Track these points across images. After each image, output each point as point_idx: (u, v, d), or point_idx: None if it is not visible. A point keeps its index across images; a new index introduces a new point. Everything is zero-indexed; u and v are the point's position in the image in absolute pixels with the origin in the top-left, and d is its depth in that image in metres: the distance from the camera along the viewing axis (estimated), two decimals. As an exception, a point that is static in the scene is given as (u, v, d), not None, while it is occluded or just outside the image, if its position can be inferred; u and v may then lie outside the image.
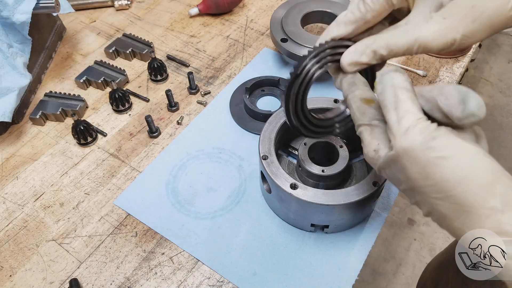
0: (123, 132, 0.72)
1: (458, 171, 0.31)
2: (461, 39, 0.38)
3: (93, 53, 0.86)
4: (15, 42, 0.71)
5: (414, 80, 0.78)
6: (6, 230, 0.60)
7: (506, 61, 2.39)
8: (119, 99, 0.73)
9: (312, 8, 0.82)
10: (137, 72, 0.82)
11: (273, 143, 0.57)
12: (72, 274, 0.56)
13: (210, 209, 0.61)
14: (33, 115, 0.72)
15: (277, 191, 0.55)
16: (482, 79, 2.29)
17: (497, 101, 2.17)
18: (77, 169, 0.67)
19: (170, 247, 0.58)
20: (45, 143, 0.71)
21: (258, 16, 0.94)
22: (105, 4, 0.96)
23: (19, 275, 0.56)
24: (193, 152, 0.68)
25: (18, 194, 0.64)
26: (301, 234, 0.59)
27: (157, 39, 0.89)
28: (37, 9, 0.70)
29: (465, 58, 0.83)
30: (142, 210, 0.62)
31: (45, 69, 0.82)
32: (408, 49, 0.40)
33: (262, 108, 0.73)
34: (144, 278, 0.55)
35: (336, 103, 0.60)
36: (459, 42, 0.39)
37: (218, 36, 0.89)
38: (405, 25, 0.40)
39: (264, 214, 0.61)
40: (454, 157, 0.31)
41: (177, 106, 0.75)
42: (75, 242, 0.59)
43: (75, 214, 0.62)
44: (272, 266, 0.56)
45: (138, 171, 0.66)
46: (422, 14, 0.39)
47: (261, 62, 0.83)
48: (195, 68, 0.83)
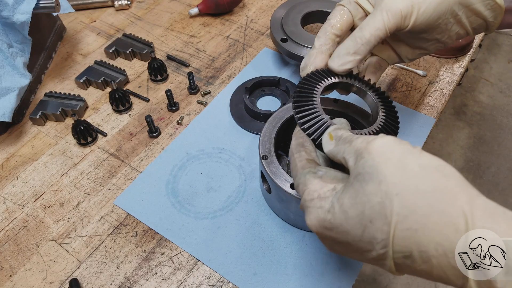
0: (123, 132, 0.72)
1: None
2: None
3: (93, 53, 0.86)
4: (15, 42, 0.71)
5: (414, 80, 0.78)
6: (6, 230, 0.60)
7: (506, 61, 2.39)
8: (119, 99, 0.73)
9: (312, 8, 0.82)
10: (137, 72, 0.82)
11: (273, 143, 0.57)
12: (72, 274, 0.56)
13: (210, 209, 0.62)
14: (33, 115, 0.72)
15: (277, 191, 0.55)
16: (482, 79, 2.29)
17: (497, 101, 2.17)
18: (77, 169, 0.67)
19: (170, 247, 0.58)
20: (45, 143, 0.71)
21: (258, 16, 0.94)
22: (105, 4, 0.96)
23: (19, 275, 0.56)
24: (193, 152, 0.68)
25: (18, 194, 0.64)
26: (301, 234, 0.59)
27: (157, 39, 0.89)
28: (37, 9, 0.70)
29: (465, 58, 0.83)
30: (142, 210, 0.62)
31: (45, 69, 0.83)
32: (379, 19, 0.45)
33: (262, 108, 0.73)
34: (144, 278, 0.55)
35: (336, 103, 0.60)
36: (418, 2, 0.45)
37: (218, 36, 0.89)
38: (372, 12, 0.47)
39: (264, 214, 0.61)
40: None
41: (177, 106, 0.75)
42: (75, 242, 0.59)
43: (75, 214, 0.62)
44: (272, 266, 0.56)
45: (138, 171, 0.66)
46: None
47: (261, 62, 0.83)
48: (195, 68, 0.83)
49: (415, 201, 0.31)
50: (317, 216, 0.36)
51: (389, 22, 0.45)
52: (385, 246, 0.32)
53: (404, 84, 0.78)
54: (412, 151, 0.33)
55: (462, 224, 0.29)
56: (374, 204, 0.32)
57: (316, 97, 0.47)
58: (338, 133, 0.40)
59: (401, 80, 0.78)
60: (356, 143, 0.36)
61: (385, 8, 0.45)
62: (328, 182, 0.37)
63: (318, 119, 0.45)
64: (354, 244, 0.34)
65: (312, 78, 0.48)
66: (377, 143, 0.34)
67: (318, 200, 0.37)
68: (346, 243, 0.35)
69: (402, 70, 0.80)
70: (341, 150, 0.38)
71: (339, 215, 0.34)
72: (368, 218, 0.32)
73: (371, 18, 0.46)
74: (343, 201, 0.34)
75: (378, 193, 0.32)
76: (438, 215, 0.30)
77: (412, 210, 0.31)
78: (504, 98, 2.19)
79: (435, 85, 0.77)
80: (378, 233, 0.32)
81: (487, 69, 2.34)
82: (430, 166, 0.32)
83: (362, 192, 0.33)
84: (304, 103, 0.46)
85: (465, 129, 2.06)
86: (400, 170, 0.32)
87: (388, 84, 0.78)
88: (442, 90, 0.77)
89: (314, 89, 0.47)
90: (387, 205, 0.31)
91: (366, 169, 0.33)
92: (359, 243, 0.34)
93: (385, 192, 0.32)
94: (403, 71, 0.80)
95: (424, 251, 0.30)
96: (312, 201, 0.37)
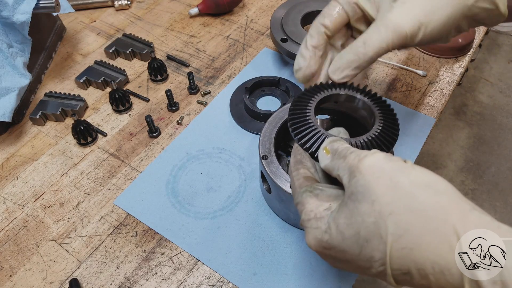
0: (123, 132, 0.72)
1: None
2: (425, 17, 0.43)
3: (93, 53, 0.86)
4: (15, 42, 0.71)
5: (414, 80, 0.78)
6: (6, 230, 0.60)
7: (506, 61, 2.39)
8: (119, 99, 0.73)
9: (312, 8, 0.82)
10: (137, 72, 0.82)
11: (273, 143, 0.57)
12: (72, 274, 0.56)
13: (210, 209, 0.62)
14: (33, 115, 0.72)
15: (277, 191, 0.55)
16: (482, 79, 2.29)
17: (497, 101, 2.17)
18: (77, 169, 0.67)
19: (170, 247, 0.58)
20: (45, 143, 0.71)
21: (258, 16, 0.94)
22: (105, 4, 0.96)
23: (19, 275, 0.56)
24: (193, 152, 0.69)
25: (18, 194, 0.64)
26: (301, 234, 0.59)
27: (157, 39, 0.89)
28: (37, 9, 0.70)
29: (465, 58, 0.83)
30: (142, 210, 0.62)
31: (45, 69, 0.83)
32: (384, 39, 0.44)
33: (262, 108, 0.73)
34: (144, 278, 0.55)
35: (336, 103, 0.60)
36: (425, 22, 0.44)
37: (218, 36, 0.89)
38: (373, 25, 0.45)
39: (264, 214, 0.61)
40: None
41: (177, 106, 0.75)
42: (75, 242, 0.59)
43: (75, 214, 0.62)
44: (272, 266, 0.56)
45: (138, 171, 0.66)
46: (385, 7, 0.45)
47: (261, 62, 0.83)
48: (195, 68, 0.83)
49: (408, 220, 0.31)
50: (314, 237, 0.36)
51: (394, 43, 0.44)
52: (383, 264, 0.32)
53: (404, 84, 0.78)
54: (403, 168, 0.33)
55: (455, 242, 0.30)
56: (368, 224, 0.32)
57: (310, 111, 0.47)
58: (334, 146, 0.40)
59: (401, 80, 0.78)
60: (349, 159, 0.36)
61: (391, 27, 0.43)
62: (324, 200, 0.37)
63: (314, 133, 0.44)
64: (353, 262, 0.34)
65: (305, 94, 0.49)
66: (368, 162, 0.34)
67: (315, 220, 0.37)
68: (346, 261, 0.35)
69: (402, 70, 0.80)
70: (335, 166, 0.38)
71: (336, 235, 0.34)
72: (364, 238, 0.32)
73: (375, 33, 0.44)
74: (339, 222, 0.34)
75: (372, 213, 0.32)
76: (431, 234, 0.30)
77: (406, 229, 0.31)
78: (504, 98, 2.19)
79: (435, 85, 0.77)
80: (375, 252, 0.32)
81: (487, 69, 2.34)
82: (422, 183, 0.32)
83: (357, 213, 0.33)
84: (300, 119, 0.46)
85: (465, 129, 2.06)
86: (392, 189, 0.32)
87: (388, 84, 0.78)
88: (442, 90, 0.77)
89: (308, 103, 0.48)
90: (382, 225, 0.31)
91: (358, 188, 0.33)
92: (358, 262, 0.34)
93: (379, 212, 0.32)
94: (403, 71, 0.80)
95: (421, 269, 0.30)
96: (309, 221, 0.37)
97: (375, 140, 0.44)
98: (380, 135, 0.45)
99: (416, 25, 0.43)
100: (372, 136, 0.44)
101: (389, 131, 0.45)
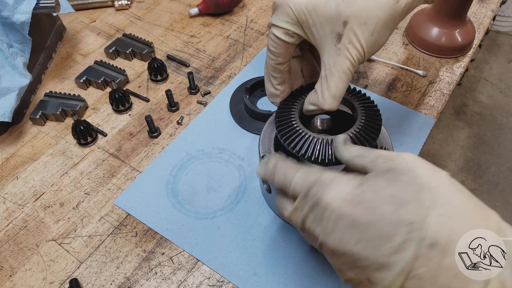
0: (123, 132, 0.72)
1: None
2: (368, 51, 0.45)
3: (93, 53, 0.86)
4: (15, 42, 0.71)
5: (414, 80, 0.78)
6: (6, 230, 0.60)
7: (506, 61, 2.39)
8: (119, 99, 0.73)
9: (312, 8, 0.81)
10: (137, 72, 0.82)
11: (273, 143, 0.57)
12: (72, 274, 0.56)
13: (210, 209, 0.62)
14: (33, 115, 0.72)
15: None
16: (482, 79, 2.29)
17: (497, 101, 2.17)
18: (77, 169, 0.67)
19: (170, 247, 0.58)
20: (45, 143, 0.71)
21: (258, 16, 0.94)
22: (105, 4, 0.96)
23: (19, 275, 0.56)
24: (193, 152, 0.69)
25: (18, 194, 0.64)
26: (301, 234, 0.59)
27: (157, 39, 0.89)
28: (37, 9, 0.70)
29: (465, 58, 0.83)
30: (142, 210, 0.62)
31: (45, 69, 0.83)
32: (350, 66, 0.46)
33: (262, 108, 0.73)
34: (144, 278, 0.55)
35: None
36: (367, 54, 0.46)
37: (218, 36, 0.89)
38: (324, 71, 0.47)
39: (264, 214, 0.61)
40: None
41: (177, 106, 0.75)
42: (75, 242, 0.59)
43: (75, 214, 0.62)
44: (272, 266, 0.56)
45: (138, 171, 0.66)
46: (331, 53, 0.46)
47: (261, 62, 0.83)
48: (195, 68, 0.83)
49: (450, 194, 0.32)
50: (342, 189, 0.35)
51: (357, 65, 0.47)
52: (412, 231, 0.31)
53: (404, 84, 0.78)
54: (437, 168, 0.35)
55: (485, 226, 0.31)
56: (409, 190, 0.33)
57: (295, 117, 0.50)
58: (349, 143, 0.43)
59: (401, 80, 0.78)
60: (379, 151, 0.38)
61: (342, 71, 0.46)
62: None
63: (301, 136, 0.47)
64: (377, 225, 0.32)
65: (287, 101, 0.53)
66: (406, 154, 0.36)
67: (345, 176, 0.37)
68: (368, 223, 0.33)
69: (402, 70, 0.80)
70: (365, 154, 0.38)
71: (370, 191, 0.34)
72: (401, 200, 0.32)
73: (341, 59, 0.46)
74: (376, 182, 0.34)
75: (413, 184, 0.33)
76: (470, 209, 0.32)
77: (448, 202, 0.32)
78: (504, 98, 2.19)
79: (435, 85, 0.77)
80: (410, 215, 0.31)
81: (487, 69, 2.34)
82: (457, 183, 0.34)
83: (398, 180, 0.33)
84: (287, 125, 0.49)
85: (465, 129, 2.06)
86: (434, 172, 0.34)
87: (388, 84, 0.78)
88: (442, 90, 0.77)
89: (291, 110, 0.51)
90: (423, 193, 0.32)
91: (399, 166, 0.34)
92: (383, 225, 0.32)
93: (420, 185, 0.32)
94: (403, 71, 0.80)
95: (453, 240, 0.30)
96: (337, 177, 0.37)
97: (359, 133, 0.47)
98: (363, 129, 0.47)
99: (366, 55, 0.46)
100: (355, 131, 0.47)
101: (371, 126, 0.48)
